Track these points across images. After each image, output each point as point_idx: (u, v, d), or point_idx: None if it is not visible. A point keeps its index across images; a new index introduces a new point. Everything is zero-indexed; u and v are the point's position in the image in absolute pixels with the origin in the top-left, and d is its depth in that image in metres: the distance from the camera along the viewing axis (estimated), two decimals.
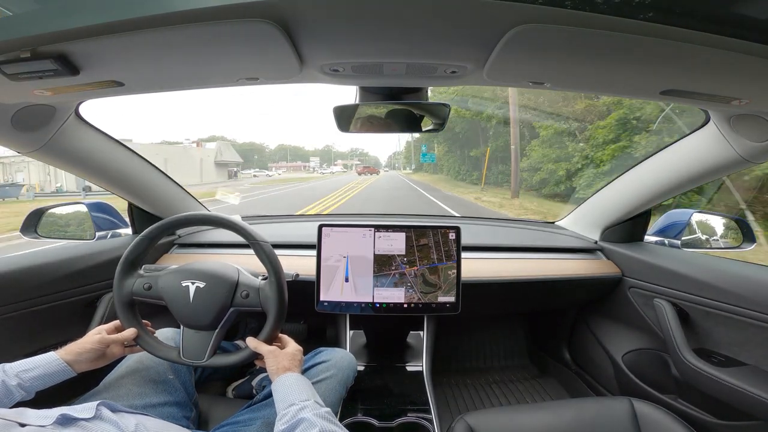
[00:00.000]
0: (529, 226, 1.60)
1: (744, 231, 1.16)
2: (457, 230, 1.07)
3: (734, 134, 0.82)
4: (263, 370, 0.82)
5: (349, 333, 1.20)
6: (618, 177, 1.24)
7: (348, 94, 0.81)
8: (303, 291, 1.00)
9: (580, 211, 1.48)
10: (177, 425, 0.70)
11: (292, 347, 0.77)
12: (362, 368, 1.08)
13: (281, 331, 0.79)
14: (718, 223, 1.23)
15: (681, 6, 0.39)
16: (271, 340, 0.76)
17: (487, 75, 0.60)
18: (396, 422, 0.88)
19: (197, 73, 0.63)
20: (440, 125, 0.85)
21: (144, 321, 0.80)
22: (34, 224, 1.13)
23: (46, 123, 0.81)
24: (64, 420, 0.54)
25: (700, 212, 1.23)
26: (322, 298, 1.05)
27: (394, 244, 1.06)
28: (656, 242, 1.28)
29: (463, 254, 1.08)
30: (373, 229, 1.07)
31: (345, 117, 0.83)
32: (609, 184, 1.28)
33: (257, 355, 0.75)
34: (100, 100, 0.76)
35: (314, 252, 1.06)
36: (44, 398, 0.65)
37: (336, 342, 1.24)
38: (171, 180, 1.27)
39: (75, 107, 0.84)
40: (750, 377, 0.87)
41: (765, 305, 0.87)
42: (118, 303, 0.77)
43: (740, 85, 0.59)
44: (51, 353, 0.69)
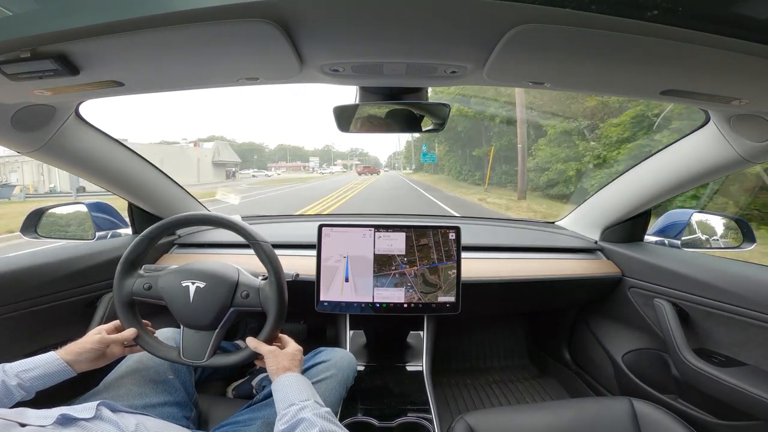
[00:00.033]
0: (529, 226, 1.60)
1: (744, 231, 1.16)
2: (457, 230, 1.07)
3: (734, 134, 0.82)
4: (263, 370, 0.82)
5: (349, 333, 1.20)
6: (618, 177, 1.24)
7: (348, 94, 0.81)
8: (303, 291, 1.00)
9: (580, 211, 1.48)
10: (177, 425, 0.70)
11: (292, 347, 0.77)
12: (362, 368, 1.08)
13: (281, 331, 0.79)
14: (718, 223, 1.23)
15: (681, 6, 0.39)
16: (271, 340, 0.76)
17: (487, 75, 0.60)
18: (396, 422, 0.88)
19: (197, 73, 0.63)
20: (440, 125, 0.85)
21: (144, 321, 0.80)
22: (34, 224, 1.13)
23: (46, 123, 0.81)
24: (64, 420, 0.54)
25: (700, 212, 1.23)
26: (322, 298, 1.05)
27: (394, 244, 1.06)
28: (656, 242, 1.28)
29: (463, 254, 1.08)
30: (373, 229, 1.07)
31: (345, 117, 0.83)
32: (609, 184, 1.28)
33: (257, 355, 0.75)
34: (100, 100, 0.76)
35: (314, 252, 1.06)
36: (44, 398, 0.65)
37: (336, 342, 1.24)
38: (171, 180, 1.27)
39: (75, 107, 0.84)
40: (750, 377, 0.87)
41: (765, 305, 0.87)
42: (118, 303, 0.77)
43: (740, 85, 0.59)
44: (51, 353, 0.69)
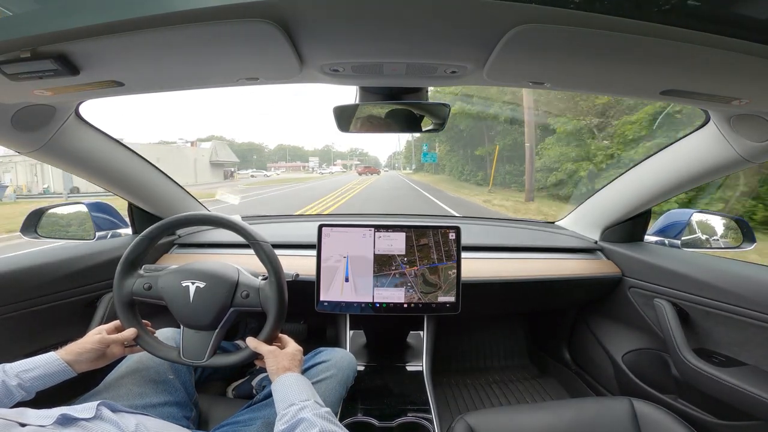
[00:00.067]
0: (529, 226, 1.60)
1: (744, 231, 1.16)
2: (457, 230, 1.07)
3: (734, 134, 0.82)
4: (263, 370, 0.82)
5: (349, 333, 1.20)
6: (618, 177, 1.24)
7: (348, 94, 0.81)
8: (303, 291, 1.00)
9: (580, 211, 1.48)
10: (177, 425, 0.70)
11: (292, 347, 0.77)
12: (362, 368, 1.08)
13: (281, 331, 0.79)
14: (718, 223, 1.23)
15: (681, 6, 0.39)
16: (271, 340, 0.76)
17: (487, 75, 0.60)
18: (396, 422, 0.88)
19: (197, 73, 0.63)
20: (440, 125, 0.85)
21: (144, 321, 0.80)
22: (34, 224, 1.13)
23: (46, 123, 0.81)
24: (65, 420, 0.54)
25: (700, 212, 1.23)
26: (322, 298, 1.05)
27: (394, 244, 1.06)
28: (656, 242, 1.28)
29: (463, 254, 1.08)
30: (373, 229, 1.07)
31: (345, 117, 0.83)
32: (609, 184, 1.28)
33: (257, 355, 0.75)
34: (100, 100, 0.76)
35: (314, 252, 1.06)
36: (44, 398, 0.65)
37: (336, 342, 1.24)
38: (171, 180, 1.27)
39: (75, 107, 0.84)
40: (750, 377, 0.87)
41: (765, 305, 0.87)
42: (118, 303, 0.77)
43: (740, 85, 0.59)
44: (51, 353, 0.69)
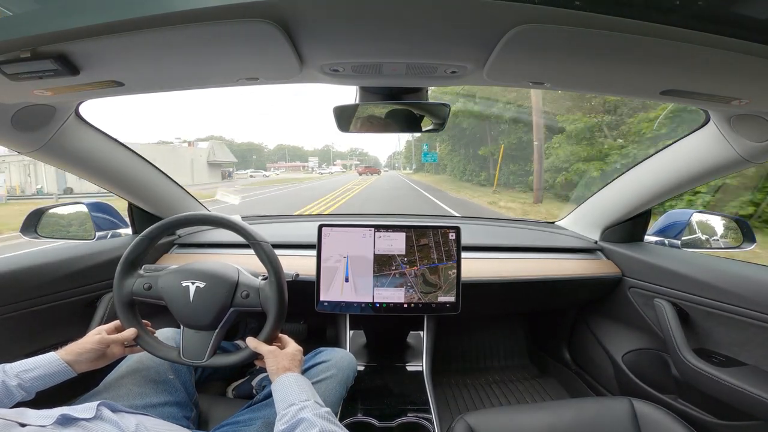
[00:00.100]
0: (529, 226, 1.60)
1: (744, 231, 1.16)
2: (457, 230, 1.07)
3: (734, 134, 0.82)
4: (263, 370, 0.82)
5: (349, 333, 1.20)
6: (618, 177, 1.24)
7: (348, 94, 0.81)
8: (303, 291, 1.00)
9: (580, 211, 1.48)
10: (177, 425, 0.70)
11: (292, 347, 0.77)
12: (362, 368, 1.08)
13: (281, 331, 0.79)
14: (718, 223, 1.23)
15: (681, 6, 0.39)
16: (271, 340, 0.76)
17: (487, 75, 0.60)
18: (396, 422, 0.88)
19: (197, 73, 0.63)
20: (440, 125, 0.85)
21: (144, 321, 0.80)
22: (34, 224, 1.13)
23: (46, 123, 0.81)
24: (65, 420, 0.54)
25: (700, 212, 1.23)
26: (322, 298, 1.05)
27: (394, 244, 1.06)
28: (656, 242, 1.28)
29: (463, 254, 1.08)
30: (373, 229, 1.07)
31: (345, 117, 0.83)
32: (609, 184, 1.28)
33: (257, 355, 0.75)
34: (100, 100, 0.76)
35: (314, 252, 1.06)
36: (44, 398, 0.65)
37: (336, 342, 1.24)
38: (171, 180, 1.27)
39: (75, 107, 0.84)
40: (750, 377, 0.87)
41: (765, 305, 0.87)
42: (118, 303, 0.77)
43: (740, 85, 0.59)
44: (51, 353, 0.69)
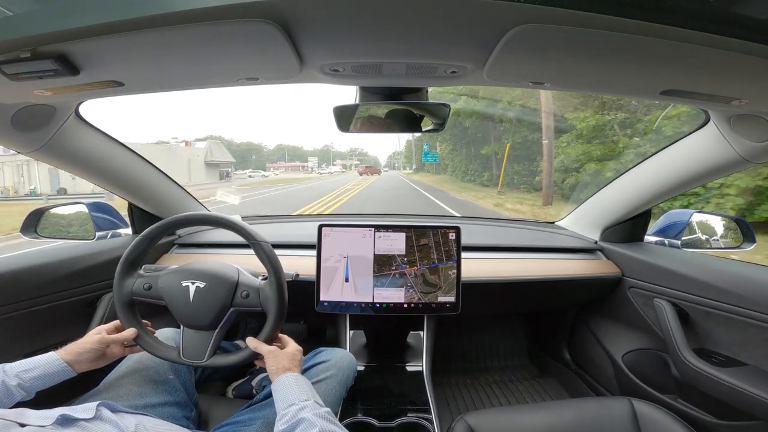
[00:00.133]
0: (529, 226, 1.60)
1: (744, 231, 1.16)
2: (457, 230, 1.07)
3: (734, 134, 0.82)
4: (263, 370, 0.82)
5: (349, 333, 1.20)
6: (618, 177, 1.24)
7: (348, 94, 0.81)
8: (303, 291, 1.00)
9: (580, 211, 1.48)
10: (177, 425, 0.70)
11: (292, 347, 0.77)
12: (362, 368, 1.08)
13: (281, 331, 0.79)
14: (718, 224, 1.23)
15: (681, 6, 0.39)
16: (271, 340, 0.76)
17: (487, 75, 0.60)
18: (396, 422, 0.88)
19: (197, 73, 0.63)
20: (440, 125, 0.85)
21: (144, 321, 0.80)
22: (34, 224, 1.13)
23: (46, 123, 0.81)
24: (64, 420, 0.54)
25: (700, 212, 1.23)
26: (322, 298, 1.05)
27: (394, 244, 1.06)
28: (656, 242, 1.28)
29: (463, 254, 1.08)
30: (373, 229, 1.07)
31: (345, 117, 0.83)
32: (609, 184, 1.28)
33: (257, 355, 0.75)
34: (100, 100, 0.76)
35: (314, 252, 1.06)
36: (44, 398, 0.65)
37: (336, 342, 1.24)
38: (171, 180, 1.27)
39: (75, 107, 0.84)
40: (750, 377, 0.87)
41: (765, 305, 0.87)
42: (118, 303, 0.77)
43: (740, 85, 0.59)
44: (51, 353, 0.69)
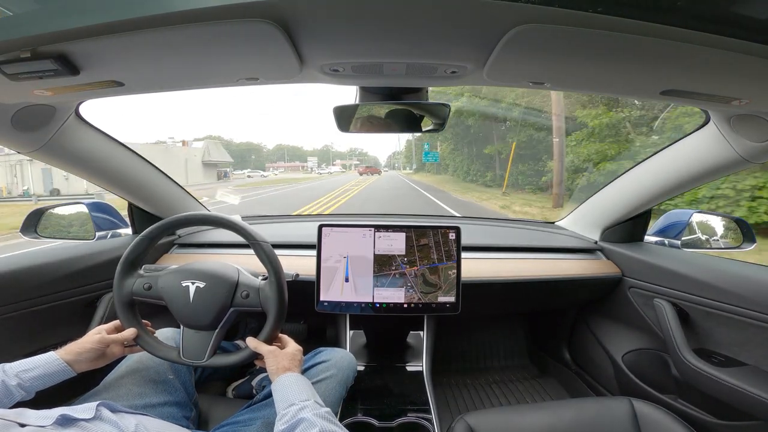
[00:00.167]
0: (529, 226, 1.60)
1: (744, 231, 1.16)
2: (457, 230, 1.07)
3: (734, 134, 0.82)
4: (263, 370, 0.82)
5: (349, 333, 1.20)
6: (618, 177, 1.24)
7: (348, 94, 0.81)
8: (303, 291, 1.00)
9: (580, 211, 1.48)
10: (177, 425, 0.70)
11: (292, 347, 0.77)
12: (362, 368, 1.08)
13: (281, 331, 0.79)
14: (718, 224, 1.23)
15: (681, 6, 0.39)
16: (271, 340, 0.76)
17: (487, 75, 0.60)
18: (396, 422, 0.88)
19: (197, 73, 0.63)
20: (440, 125, 0.85)
21: (144, 321, 0.80)
22: (34, 224, 1.13)
23: (46, 123, 0.81)
24: (64, 420, 0.54)
25: (700, 212, 1.23)
26: (322, 298, 1.05)
27: (394, 244, 1.06)
28: (656, 242, 1.28)
29: (463, 254, 1.08)
30: (373, 229, 1.07)
31: (345, 117, 0.83)
32: (609, 184, 1.28)
33: (257, 355, 0.75)
34: (100, 100, 0.76)
35: (314, 252, 1.06)
36: (44, 398, 0.65)
37: (336, 342, 1.24)
38: (171, 180, 1.27)
39: (75, 107, 0.84)
40: (750, 377, 0.87)
41: (765, 305, 0.87)
42: (118, 303, 0.77)
43: (740, 85, 0.59)
44: (51, 353, 0.69)
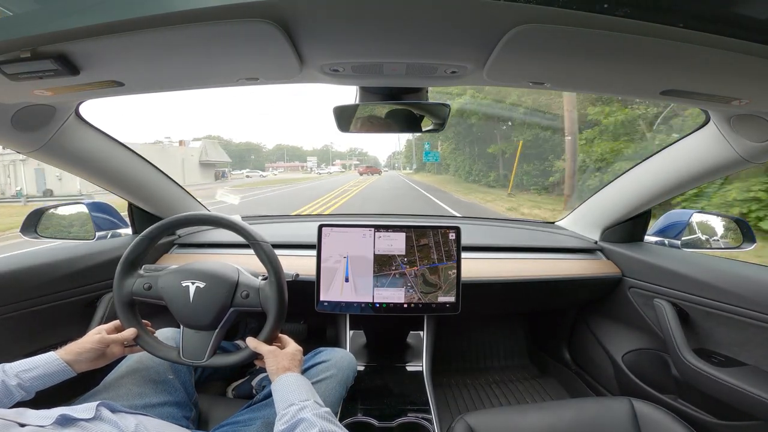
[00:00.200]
0: (529, 226, 1.60)
1: (744, 231, 1.16)
2: (457, 230, 1.06)
3: (734, 134, 0.82)
4: (263, 370, 0.82)
5: (349, 333, 1.20)
6: (618, 177, 1.24)
7: (348, 94, 0.81)
8: (303, 291, 1.00)
9: (580, 211, 1.48)
10: (177, 425, 0.70)
11: (292, 347, 0.77)
12: (362, 368, 1.08)
13: (281, 331, 0.79)
14: (718, 224, 1.23)
15: (681, 6, 0.39)
16: (271, 340, 0.76)
17: (487, 75, 0.60)
18: (396, 422, 0.88)
19: (197, 73, 0.63)
20: (440, 125, 0.85)
21: (144, 321, 0.80)
22: (34, 224, 1.13)
23: (46, 123, 0.81)
24: (64, 420, 0.54)
25: (700, 212, 1.23)
26: (322, 298, 1.05)
27: (394, 244, 1.06)
28: (656, 242, 1.28)
29: (463, 254, 1.08)
30: (373, 229, 1.07)
31: (345, 117, 0.83)
32: (609, 184, 1.28)
33: (257, 355, 0.75)
34: (100, 100, 0.76)
35: (314, 252, 1.06)
36: (44, 398, 0.65)
37: (336, 342, 1.24)
38: (171, 180, 1.27)
39: (75, 107, 0.84)
40: (750, 377, 0.87)
41: (765, 305, 0.87)
42: (118, 303, 0.77)
43: (740, 85, 0.59)
44: (51, 353, 0.69)
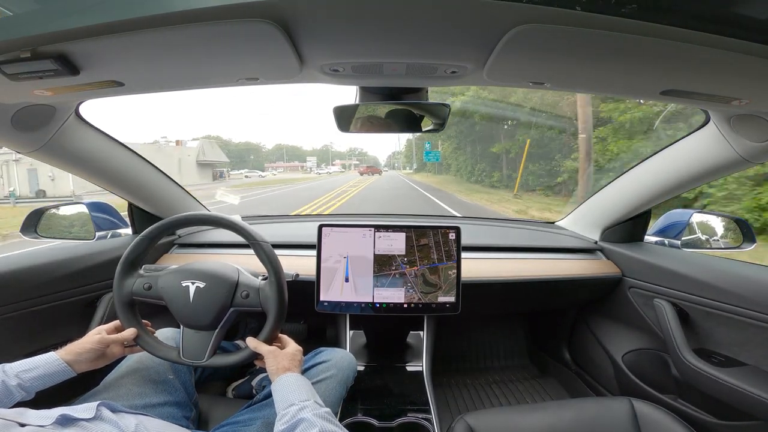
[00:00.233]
0: (529, 226, 1.60)
1: (744, 231, 1.16)
2: (457, 230, 1.07)
3: (734, 134, 0.82)
4: (263, 370, 0.82)
5: (349, 333, 1.20)
6: (618, 177, 1.24)
7: (348, 94, 0.81)
8: (303, 291, 1.00)
9: (580, 211, 1.48)
10: (177, 425, 0.70)
11: (292, 347, 0.77)
12: (362, 368, 1.08)
13: (281, 331, 0.79)
14: (718, 224, 1.23)
15: (681, 6, 0.39)
16: (271, 340, 0.76)
17: (487, 75, 0.60)
18: (396, 422, 0.88)
19: (197, 73, 0.63)
20: (440, 125, 0.85)
21: (144, 321, 0.80)
22: (34, 224, 1.13)
23: (46, 123, 0.81)
24: (64, 420, 0.54)
25: (700, 212, 1.23)
26: (322, 298, 1.05)
27: (394, 244, 1.06)
28: (656, 242, 1.28)
29: (463, 254, 1.08)
30: (373, 229, 1.07)
31: (345, 117, 0.83)
32: (609, 184, 1.28)
33: (257, 355, 0.75)
34: (100, 100, 0.76)
35: (314, 252, 1.06)
36: (44, 398, 0.65)
37: (336, 342, 1.24)
38: (171, 180, 1.27)
39: (75, 107, 0.84)
40: (750, 377, 0.87)
41: (765, 305, 0.87)
42: (118, 303, 0.77)
43: (740, 85, 0.59)
44: (51, 353, 0.69)
